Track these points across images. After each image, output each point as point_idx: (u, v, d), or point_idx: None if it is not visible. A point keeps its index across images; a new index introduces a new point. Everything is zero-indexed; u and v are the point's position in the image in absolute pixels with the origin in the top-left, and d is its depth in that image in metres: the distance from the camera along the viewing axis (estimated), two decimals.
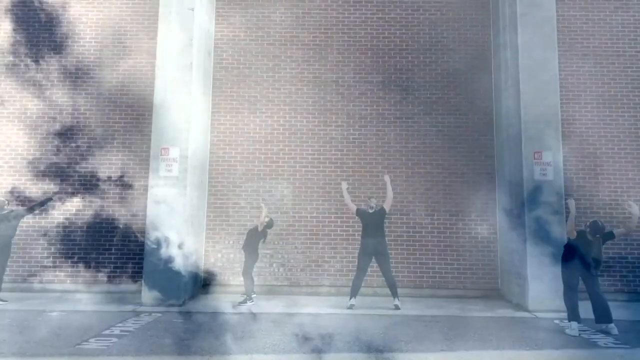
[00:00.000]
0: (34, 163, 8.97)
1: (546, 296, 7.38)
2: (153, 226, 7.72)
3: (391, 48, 9.39)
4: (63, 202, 8.87)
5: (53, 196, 8.52)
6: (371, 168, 9.06)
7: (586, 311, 6.24)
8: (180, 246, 7.70)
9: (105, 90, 9.16)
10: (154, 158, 7.90)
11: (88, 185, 8.94)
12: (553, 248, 7.45)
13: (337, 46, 9.41)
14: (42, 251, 8.76)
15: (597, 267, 6.08)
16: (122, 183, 8.95)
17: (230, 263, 8.89)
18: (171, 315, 6.86)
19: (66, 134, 9.05)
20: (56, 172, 8.95)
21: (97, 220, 8.86)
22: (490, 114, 9.16)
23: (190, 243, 8.00)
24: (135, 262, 8.68)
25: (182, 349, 5.10)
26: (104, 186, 8.94)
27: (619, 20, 9.08)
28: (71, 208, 8.87)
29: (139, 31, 9.29)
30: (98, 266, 8.75)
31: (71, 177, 8.95)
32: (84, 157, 9.02)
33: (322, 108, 9.26)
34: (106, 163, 8.98)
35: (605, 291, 6.84)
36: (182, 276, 7.67)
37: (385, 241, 7.68)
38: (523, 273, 7.68)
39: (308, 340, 5.51)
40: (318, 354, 4.98)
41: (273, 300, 8.10)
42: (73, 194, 8.91)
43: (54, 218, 8.83)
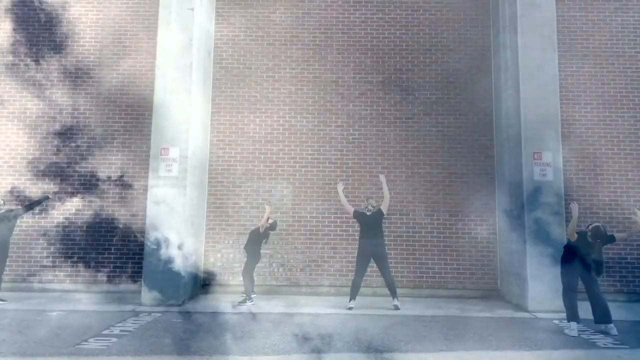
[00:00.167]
0: (34, 163, 8.97)
1: (546, 296, 7.38)
2: (153, 226, 7.72)
3: (391, 48, 9.39)
4: (63, 202, 8.87)
5: (50, 194, 8.51)
6: (371, 168, 9.06)
7: (585, 312, 6.24)
8: (179, 246, 7.70)
9: (105, 90, 9.16)
10: (154, 158, 7.90)
11: (88, 185, 8.94)
12: (553, 248, 7.45)
13: (337, 46, 9.42)
14: (42, 251, 8.76)
15: (600, 270, 6.07)
16: (122, 183, 8.95)
17: (229, 263, 8.89)
18: (171, 315, 6.86)
19: (66, 134, 9.05)
20: (56, 172, 8.95)
21: (97, 220, 8.86)
22: (490, 115, 9.17)
23: (189, 243, 8.00)
24: (134, 262, 8.69)
25: (182, 349, 5.10)
26: (104, 186, 8.95)
27: (619, 20, 9.08)
28: (71, 208, 8.87)
29: (139, 31, 9.29)
30: (98, 266, 8.75)
31: (71, 177, 8.96)
32: (84, 157, 9.02)
33: (322, 108, 9.27)
34: (106, 163, 8.99)
35: (604, 292, 6.84)
36: (182, 276, 7.67)
37: (383, 242, 7.63)
38: (522, 273, 7.68)
39: (308, 340, 5.51)
40: (318, 354, 4.98)
41: (273, 300, 8.10)
42: (73, 194, 8.91)
43: (54, 218, 8.83)
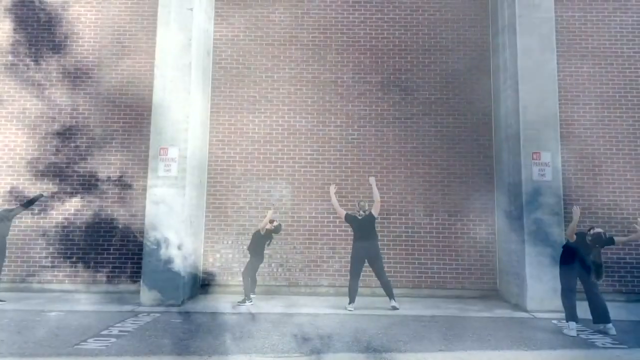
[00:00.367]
0: (33, 163, 8.97)
1: (544, 296, 7.40)
2: (152, 226, 7.72)
3: (390, 48, 9.40)
4: (62, 203, 8.87)
5: (44, 192, 8.48)
6: (370, 168, 9.07)
7: (584, 312, 6.26)
8: (179, 246, 7.70)
9: (104, 90, 9.16)
10: (153, 158, 7.90)
11: (87, 185, 8.94)
12: (551, 249, 7.47)
13: (336, 46, 9.42)
14: (41, 251, 8.76)
15: (599, 272, 6.07)
16: (121, 183, 8.94)
17: (229, 263, 8.89)
18: (170, 315, 6.86)
19: (65, 134, 9.05)
20: (55, 172, 8.95)
21: (96, 220, 8.85)
22: (489, 115, 9.18)
23: (189, 243, 8.00)
24: (134, 262, 8.68)
25: (181, 349, 5.10)
26: (103, 186, 8.94)
27: (618, 21, 9.10)
28: (70, 208, 8.87)
29: (138, 31, 9.29)
30: (97, 266, 8.74)
31: (70, 177, 8.95)
32: (83, 158, 9.02)
33: (321, 108, 9.27)
34: (105, 163, 8.98)
35: (603, 291, 6.84)
36: (181, 276, 7.67)
37: (377, 245, 7.52)
38: (521, 273, 7.69)
39: (307, 340, 5.51)
40: (317, 355, 4.98)
41: (272, 300, 8.10)
42: (72, 195, 8.91)
43: (53, 218, 8.83)
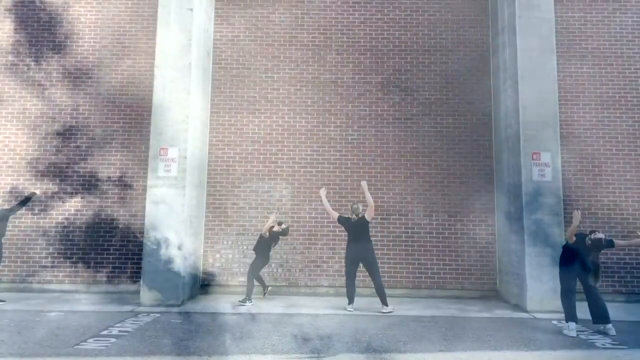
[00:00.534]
0: (33, 163, 8.97)
1: (544, 297, 7.41)
2: (152, 227, 7.72)
3: (390, 49, 9.40)
4: (62, 203, 8.87)
5: (37, 190, 8.41)
6: (370, 169, 9.07)
7: (584, 312, 6.26)
8: (179, 247, 7.70)
9: (104, 90, 9.16)
10: (153, 158, 7.90)
11: (87, 185, 8.94)
12: (551, 249, 7.47)
13: (336, 47, 9.43)
14: (41, 251, 8.76)
15: (597, 276, 6.08)
16: (121, 183, 8.95)
17: (228, 264, 8.89)
18: (170, 315, 6.86)
19: (65, 134, 9.05)
20: (55, 172, 8.95)
21: (96, 220, 8.85)
22: (488, 115, 9.18)
23: (188, 243, 8.00)
24: (134, 263, 8.69)
25: (181, 350, 5.10)
26: (103, 186, 8.94)
27: (617, 21, 9.11)
28: (70, 208, 8.87)
29: (138, 31, 9.29)
30: (97, 266, 8.74)
31: (70, 177, 8.95)
32: (83, 158, 9.02)
33: (321, 109, 9.28)
34: (105, 163, 8.98)
35: (603, 292, 6.85)
36: (181, 276, 7.67)
37: (370, 247, 7.33)
38: (521, 274, 7.69)
39: (307, 341, 5.51)
40: (317, 355, 4.98)
41: (272, 300, 8.10)
42: (72, 195, 8.91)
43: (53, 218, 8.83)
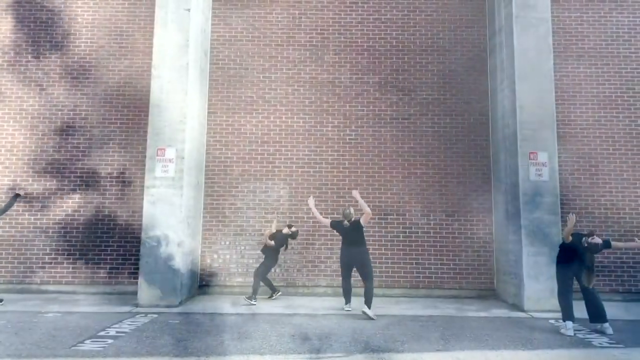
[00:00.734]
0: (30, 164, 8.94)
1: (542, 296, 7.42)
2: (149, 227, 7.71)
3: (387, 49, 9.41)
4: (60, 203, 8.85)
5: (21, 192, 8.25)
6: (367, 169, 9.08)
7: (581, 311, 6.28)
8: (177, 247, 7.69)
9: (101, 90, 9.14)
10: (150, 159, 7.89)
11: (84, 186, 8.92)
12: (548, 248, 7.49)
13: (334, 47, 9.43)
14: (38, 252, 8.74)
15: (590, 278, 6.09)
16: (119, 183, 8.93)
17: (226, 264, 8.89)
18: (168, 316, 6.85)
19: (62, 134, 9.02)
20: (53, 171, 8.92)
21: (94, 220, 8.84)
22: (486, 115, 9.20)
23: (186, 244, 8.00)
24: (131, 263, 8.68)
25: (179, 350, 5.10)
26: (101, 187, 8.93)
27: (614, 21, 9.14)
28: (67, 209, 8.85)
29: (135, 31, 9.28)
30: (94, 267, 8.73)
31: (67, 178, 8.93)
32: (80, 158, 9.00)
33: (319, 109, 9.28)
34: (102, 164, 8.97)
35: (599, 291, 6.88)
36: (179, 277, 7.66)
37: (364, 251, 7.13)
38: (519, 273, 7.71)
39: (305, 340, 5.51)
40: (315, 355, 4.98)
41: (270, 301, 8.11)
42: (69, 195, 8.89)
43: (50, 219, 8.81)
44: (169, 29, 8.15)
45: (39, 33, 9.27)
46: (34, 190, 8.78)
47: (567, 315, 6.12)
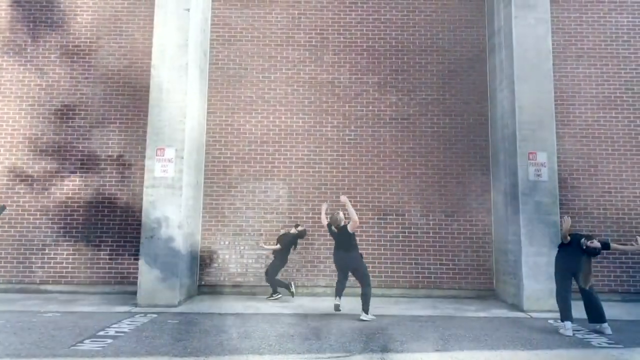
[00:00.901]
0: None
1: (541, 296, 7.43)
2: (149, 227, 7.70)
3: (387, 49, 9.42)
4: (58, 203, 8.85)
5: (6, 204, 8.23)
6: (367, 169, 9.09)
7: (580, 311, 6.28)
8: (176, 247, 7.69)
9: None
10: (150, 158, 7.89)
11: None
12: (547, 249, 7.49)
13: (333, 47, 9.43)
14: (37, 252, 8.73)
15: (587, 279, 6.09)
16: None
17: (225, 264, 8.88)
18: (166, 316, 6.85)
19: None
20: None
21: (93, 220, 8.84)
22: (485, 115, 9.21)
23: (186, 245, 7.99)
24: (130, 263, 8.67)
25: (178, 350, 5.10)
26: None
27: (613, 22, 9.15)
28: (66, 209, 8.85)
29: (135, 31, 9.28)
30: (93, 266, 8.72)
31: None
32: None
33: (318, 109, 9.28)
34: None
35: (599, 291, 6.88)
36: (178, 277, 7.65)
37: (354, 256, 6.87)
38: (518, 273, 7.71)
39: (304, 340, 5.51)
40: (314, 354, 4.98)
41: (269, 300, 8.11)
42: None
43: (49, 218, 8.80)
44: (169, 29, 8.14)
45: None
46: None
47: (565, 315, 6.12)
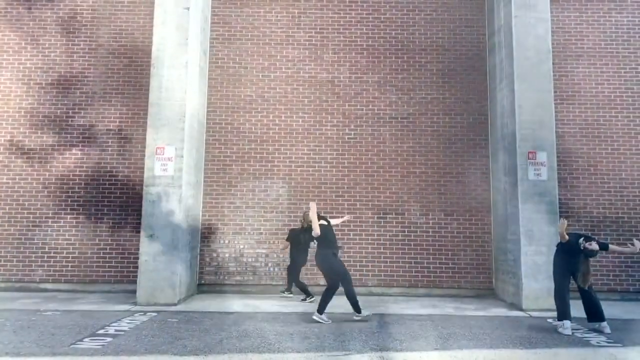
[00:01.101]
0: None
1: (540, 295, 7.44)
2: (148, 226, 7.71)
3: (387, 48, 9.42)
4: (57, 199, 8.85)
5: None
6: (366, 168, 9.09)
7: (579, 310, 6.29)
8: (175, 246, 7.69)
9: (99, 89, 9.14)
10: (149, 157, 7.89)
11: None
12: (546, 248, 7.50)
13: (333, 46, 9.43)
14: (37, 250, 8.73)
15: (586, 278, 6.09)
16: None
17: (225, 263, 8.89)
18: (166, 314, 6.85)
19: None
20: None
21: (92, 220, 8.84)
22: (485, 114, 9.21)
23: (185, 242, 7.99)
24: (130, 262, 8.67)
25: (177, 349, 5.10)
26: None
27: (613, 21, 9.15)
28: (65, 207, 8.85)
29: (134, 30, 9.27)
30: (93, 265, 8.73)
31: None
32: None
33: (318, 108, 9.28)
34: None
35: (598, 290, 6.89)
36: (178, 276, 7.66)
37: (321, 258, 6.66)
38: (517, 272, 7.72)
39: (304, 339, 5.52)
40: (313, 353, 4.99)
41: (268, 299, 8.11)
42: (67, 194, 8.89)
43: (49, 217, 8.80)
44: (168, 28, 8.13)
45: (36, 31, 9.25)
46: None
47: (563, 314, 6.11)
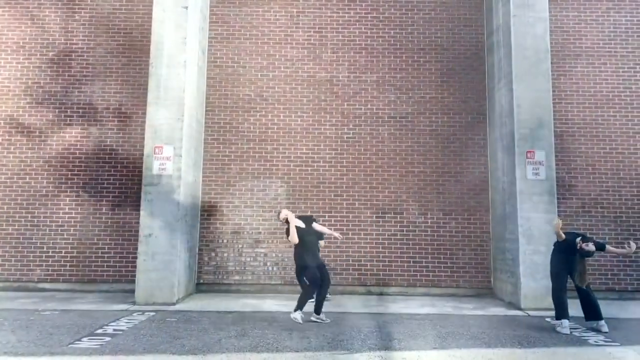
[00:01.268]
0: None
1: (538, 294, 7.45)
2: (147, 226, 7.70)
3: (385, 47, 9.42)
4: (56, 201, 8.84)
5: None
6: (365, 167, 9.09)
7: (577, 309, 6.30)
8: (174, 245, 7.69)
9: (99, 88, 9.13)
10: (148, 156, 7.88)
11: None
12: (545, 247, 7.50)
13: (332, 45, 9.43)
14: (35, 250, 8.72)
15: (583, 278, 6.09)
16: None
17: (224, 262, 8.89)
18: (165, 314, 6.85)
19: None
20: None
21: (91, 219, 8.83)
22: (483, 114, 9.22)
23: (184, 242, 7.99)
24: (129, 261, 8.67)
25: (176, 348, 5.10)
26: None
27: (611, 21, 9.16)
28: (64, 207, 8.84)
29: (133, 29, 9.26)
30: (91, 265, 8.72)
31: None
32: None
33: (317, 107, 9.28)
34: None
35: (595, 289, 6.90)
36: (176, 275, 7.65)
37: (296, 259, 6.57)
38: (515, 272, 7.73)
39: (302, 339, 5.52)
40: (312, 352, 4.99)
41: (267, 298, 8.11)
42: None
43: (48, 217, 8.79)
44: (167, 27, 8.12)
45: (35, 30, 9.24)
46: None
47: (561, 313, 6.11)
